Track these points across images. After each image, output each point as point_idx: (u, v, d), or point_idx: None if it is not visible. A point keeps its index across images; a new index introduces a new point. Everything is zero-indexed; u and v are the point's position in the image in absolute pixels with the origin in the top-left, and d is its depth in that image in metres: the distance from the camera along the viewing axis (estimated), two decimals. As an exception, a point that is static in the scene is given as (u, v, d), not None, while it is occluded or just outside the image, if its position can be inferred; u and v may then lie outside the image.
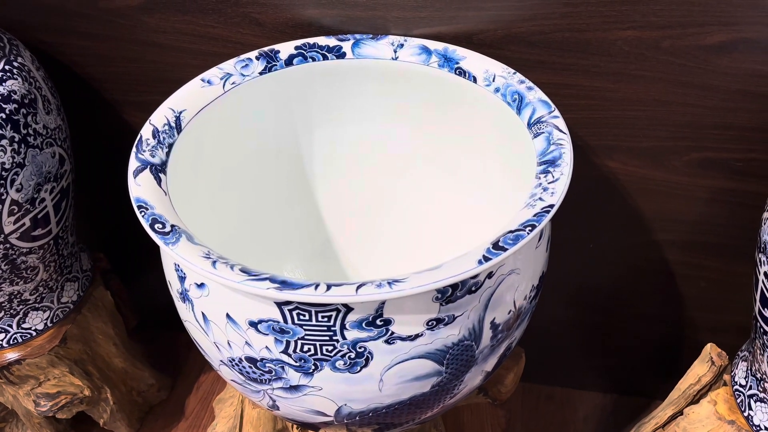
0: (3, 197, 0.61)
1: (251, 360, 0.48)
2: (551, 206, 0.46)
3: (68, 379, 0.78)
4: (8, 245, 0.65)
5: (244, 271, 0.42)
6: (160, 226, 0.46)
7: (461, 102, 0.62)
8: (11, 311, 0.72)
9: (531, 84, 0.57)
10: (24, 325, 0.74)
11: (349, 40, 0.64)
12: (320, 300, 0.40)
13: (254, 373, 0.49)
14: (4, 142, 0.60)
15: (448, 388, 0.50)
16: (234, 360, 0.49)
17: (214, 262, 0.43)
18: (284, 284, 0.41)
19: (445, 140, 0.67)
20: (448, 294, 0.45)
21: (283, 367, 0.47)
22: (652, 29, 0.60)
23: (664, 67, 0.61)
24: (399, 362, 0.46)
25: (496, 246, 0.43)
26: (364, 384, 0.47)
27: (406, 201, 0.73)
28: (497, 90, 0.59)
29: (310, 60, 0.64)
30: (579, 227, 0.76)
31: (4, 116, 0.60)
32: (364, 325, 0.44)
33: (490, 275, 0.46)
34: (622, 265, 0.79)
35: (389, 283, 0.41)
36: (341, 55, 0.64)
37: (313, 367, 0.46)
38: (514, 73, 0.59)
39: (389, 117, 0.68)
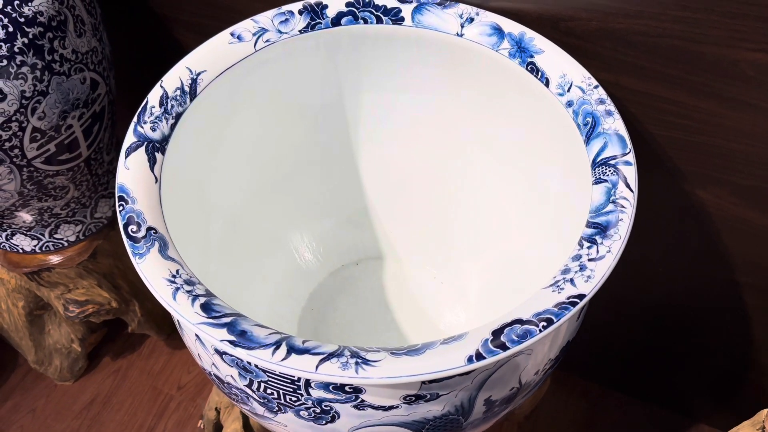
0: (24, 125, 0.58)
1: (219, 379, 0.44)
2: (581, 296, 0.37)
3: (96, 291, 0.79)
4: (32, 168, 0.63)
5: (205, 308, 0.38)
6: (135, 228, 0.41)
7: (528, 104, 0.52)
8: (42, 222, 0.72)
9: (612, 107, 0.46)
10: (56, 236, 0.75)
11: (411, 2, 0.54)
12: (273, 368, 0.35)
13: (224, 389, 0.45)
14: (25, 69, 0.56)
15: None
16: (206, 370, 0.46)
17: (176, 290, 0.38)
18: (242, 337, 0.36)
19: (506, 133, 0.57)
20: (433, 374, 0.38)
21: (248, 397, 0.43)
22: (791, 56, 0.46)
23: (796, 104, 0.48)
24: (370, 426, 0.41)
25: (497, 339, 0.36)
26: (330, 434, 0.42)
27: (455, 183, 0.64)
28: (570, 104, 0.48)
29: (362, 21, 0.54)
30: (655, 249, 0.65)
31: (26, 41, 0.56)
32: (331, 388, 0.39)
33: (489, 358, 0.39)
34: (693, 297, 0.68)
35: (357, 363, 0.35)
36: (399, 20, 0.54)
37: (277, 408, 0.42)
38: (596, 87, 0.47)
39: (450, 93, 0.58)
